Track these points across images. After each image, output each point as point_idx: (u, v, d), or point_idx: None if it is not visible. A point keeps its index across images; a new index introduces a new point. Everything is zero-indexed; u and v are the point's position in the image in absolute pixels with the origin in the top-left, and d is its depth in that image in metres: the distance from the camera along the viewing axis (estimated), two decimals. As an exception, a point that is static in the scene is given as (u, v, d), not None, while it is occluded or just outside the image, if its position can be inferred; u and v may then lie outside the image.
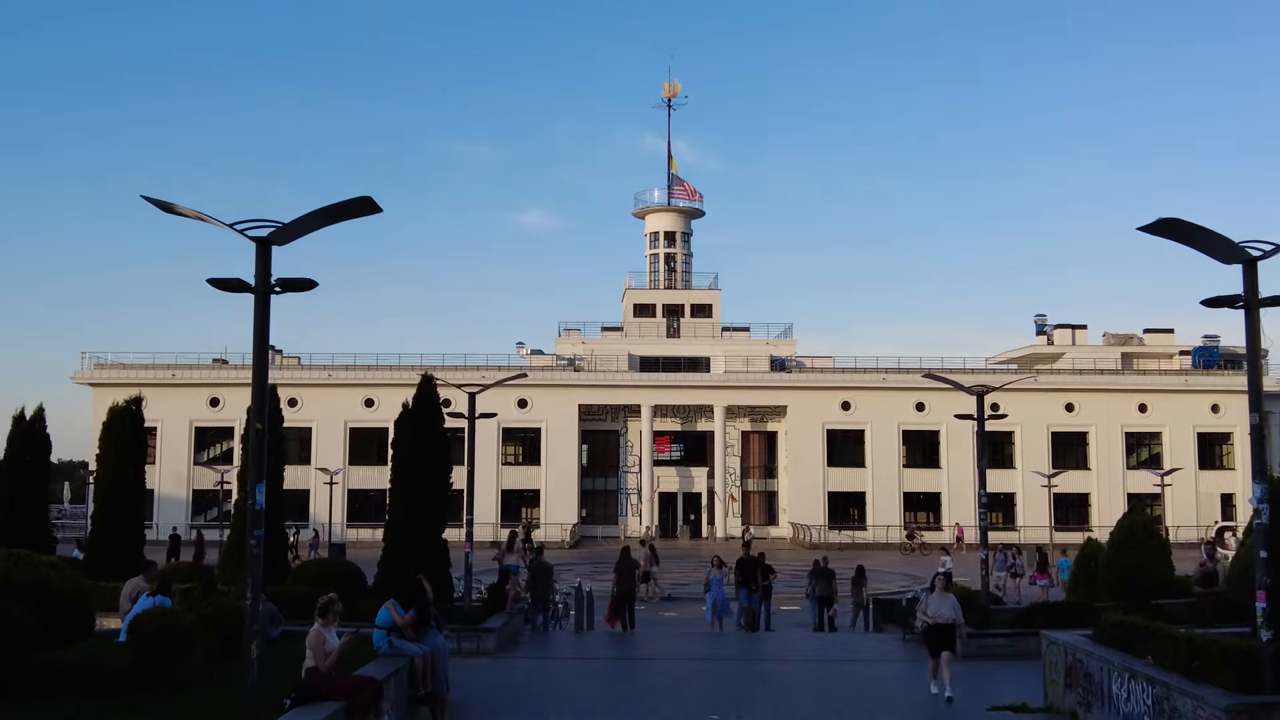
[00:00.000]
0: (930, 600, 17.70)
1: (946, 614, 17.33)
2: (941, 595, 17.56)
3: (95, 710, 11.37)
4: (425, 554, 22.02)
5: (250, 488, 11.12)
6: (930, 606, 17.55)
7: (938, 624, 17.25)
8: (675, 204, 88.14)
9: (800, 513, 74.16)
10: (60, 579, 12.87)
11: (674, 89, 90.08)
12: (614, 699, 17.29)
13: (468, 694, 16.53)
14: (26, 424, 27.60)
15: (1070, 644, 15.80)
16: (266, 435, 11.28)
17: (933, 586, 17.97)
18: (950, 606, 17.44)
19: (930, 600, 17.70)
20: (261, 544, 11.13)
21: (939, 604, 17.44)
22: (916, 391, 76.26)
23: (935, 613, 17.35)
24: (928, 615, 17.50)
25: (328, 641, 11.75)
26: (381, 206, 11.45)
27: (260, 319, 11.24)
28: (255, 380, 11.21)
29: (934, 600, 17.57)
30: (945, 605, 17.41)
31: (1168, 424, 77.22)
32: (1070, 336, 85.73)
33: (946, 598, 17.56)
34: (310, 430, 74.75)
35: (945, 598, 17.54)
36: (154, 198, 11.00)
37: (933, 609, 17.45)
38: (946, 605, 17.42)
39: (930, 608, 17.53)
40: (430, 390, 23.53)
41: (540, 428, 75.85)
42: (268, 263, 11.26)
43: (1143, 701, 13.31)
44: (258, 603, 11.09)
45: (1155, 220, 12.43)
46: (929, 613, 17.49)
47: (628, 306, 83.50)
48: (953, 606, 17.49)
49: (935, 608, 17.41)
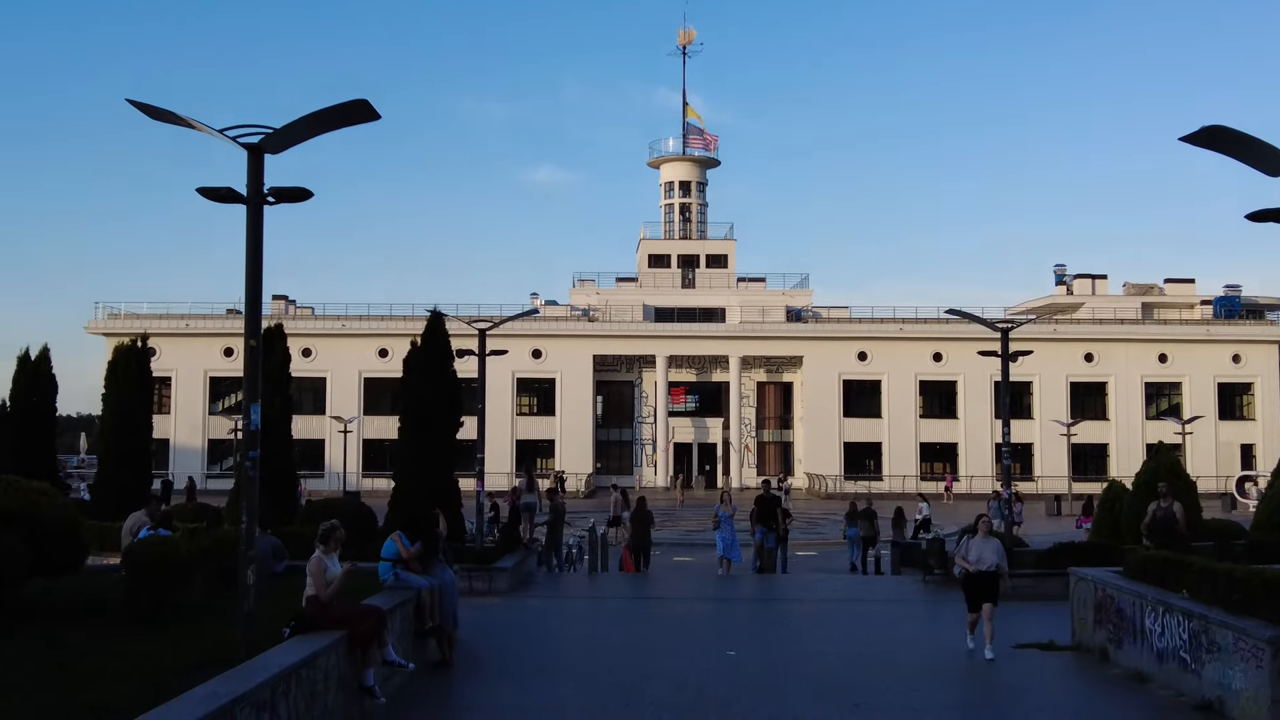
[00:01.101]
0: (970, 545, 15.76)
1: (990, 559, 15.49)
2: (984, 539, 15.69)
3: (84, 640, 10.94)
4: (436, 493, 21.51)
5: (245, 406, 10.61)
6: (970, 552, 15.66)
7: (979, 571, 15.48)
8: (691, 153, 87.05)
9: (816, 463, 73.72)
10: (51, 506, 12.41)
11: (689, 36, 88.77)
12: (627, 637, 16.88)
13: (478, 632, 16.13)
14: (31, 364, 27.09)
15: (1101, 580, 15.28)
16: (261, 353, 10.74)
17: (974, 530, 16.00)
18: (993, 551, 15.61)
19: (970, 545, 15.76)
20: (257, 466, 10.65)
21: (980, 549, 15.59)
22: (934, 342, 75.62)
23: (977, 558, 15.51)
24: (968, 561, 15.62)
25: (329, 570, 11.26)
26: (380, 113, 10.85)
27: (253, 231, 10.68)
28: (248, 296, 10.65)
29: (975, 545, 15.68)
30: (988, 550, 15.57)
31: (1188, 374, 76.35)
32: (1090, 286, 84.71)
33: (989, 542, 15.71)
34: (325, 380, 74.55)
35: (988, 542, 15.69)
36: (140, 102, 10.40)
37: (974, 554, 15.58)
38: (989, 550, 15.58)
39: (971, 553, 15.64)
40: (440, 327, 22.96)
41: (555, 378, 75.41)
42: (260, 172, 10.70)
43: (1178, 636, 12.79)
44: (253, 528, 10.63)
45: (1199, 129, 11.72)
46: (969, 558, 15.61)
47: (642, 257, 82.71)
48: (996, 551, 15.65)
49: (976, 553, 15.57)
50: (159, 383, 74.17)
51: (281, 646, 10.29)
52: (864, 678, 13.85)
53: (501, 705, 12.33)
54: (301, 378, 73.52)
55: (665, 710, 12.01)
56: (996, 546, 15.70)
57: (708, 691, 12.94)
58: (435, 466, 22.15)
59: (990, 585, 15.48)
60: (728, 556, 25.59)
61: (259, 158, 10.67)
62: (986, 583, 15.47)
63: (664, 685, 13.26)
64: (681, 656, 15.20)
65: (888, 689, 13.26)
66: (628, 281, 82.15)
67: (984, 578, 15.46)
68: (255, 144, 10.57)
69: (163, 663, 10.18)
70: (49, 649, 10.72)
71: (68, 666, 10.07)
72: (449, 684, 13.54)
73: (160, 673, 9.68)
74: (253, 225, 10.65)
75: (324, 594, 11.15)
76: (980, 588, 15.46)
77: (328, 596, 11.17)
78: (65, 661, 10.25)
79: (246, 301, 10.65)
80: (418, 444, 22.17)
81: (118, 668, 9.94)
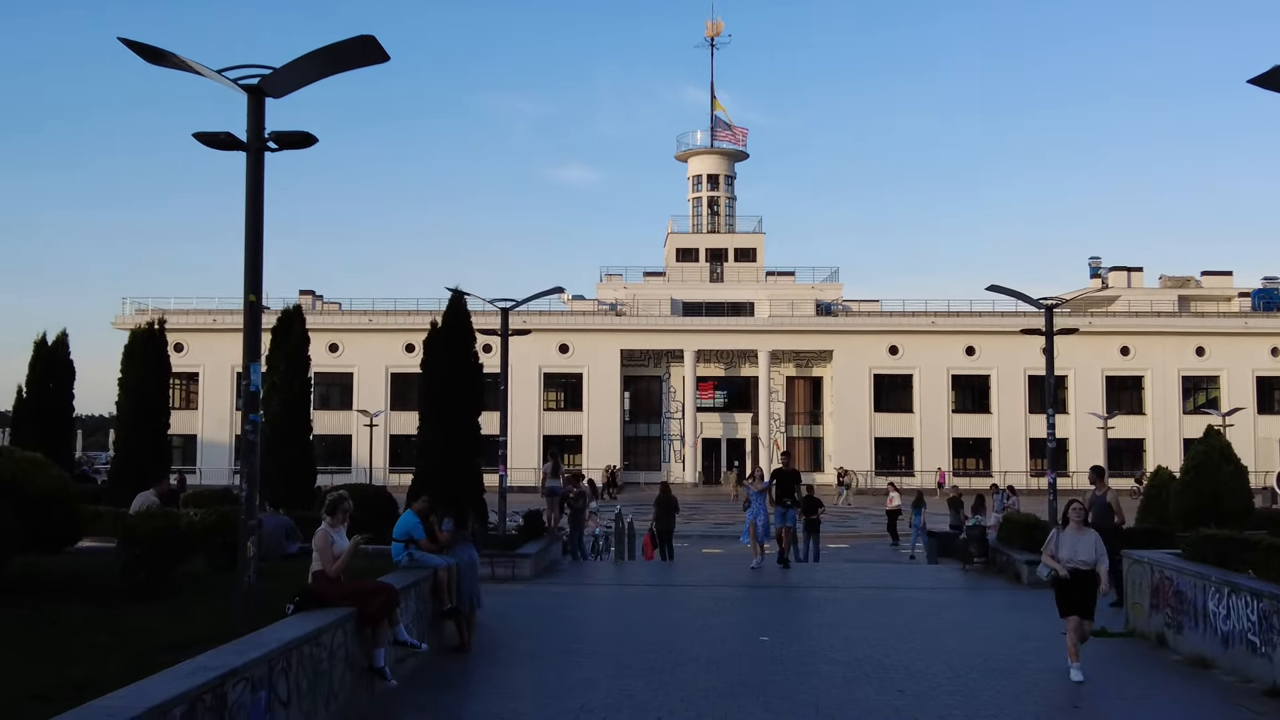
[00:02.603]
0: (1061, 539, 12.60)
1: (1085, 555, 12.39)
2: (1077, 531, 12.55)
3: (77, 616, 10.28)
4: (458, 478, 20.80)
5: (244, 366, 9.92)
6: (1061, 547, 12.52)
7: (1074, 570, 12.38)
8: (719, 146, 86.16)
9: (846, 458, 72.68)
10: (44, 476, 11.78)
11: (717, 27, 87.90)
12: (654, 622, 16.12)
13: (499, 617, 15.43)
14: (49, 351, 26.70)
15: (1158, 561, 14.40)
16: (261, 309, 10.04)
17: (1064, 520, 12.81)
18: (1090, 547, 12.45)
19: (1061, 539, 12.60)
20: (258, 430, 9.96)
21: (1073, 543, 12.48)
22: (966, 335, 74.55)
23: (1069, 555, 12.42)
24: (1057, 559, 12.48)
25: (335, 543, 10.55)
26: (388, 54, 10.13)
27: (253, 179, 9.99)
28: (248, 248, 9.96)
29: (1066, 538, 12.56)
30: (1083, 545, 12.44)
31: (1226, 367, 74.98)
32: (1126, 279, 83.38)
33: (1084, 535, 12.55)
34: (351, 376, 74.22)
35: (1083, 534, 12.55)
36: (133, 41, 9.72)
37: (1065, 550, 12.48)
38: (1085, 545, 12.45)
39: (1061, 549, 12.51)
40: (461, 307, 22.25)
41: (582, 373, 74.75)
42: (261, 115, 10.01)
43: (1245, 618, 11.93)
44: (254, 495, 9.94)
45: (1270, 69, 10.88)
46: (1060, 555, 12.48)
47: (670, 251, 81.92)
48: (1094, 547, 12.47)
49: (1069, 548, 12.48)
50: (187, 378, 74.29)
51: (283, 622, 9.60)
52: (907, 663, 13.04)
53: (522, 689, 11.60)
54: (329, 373, 73.50)
55: (696, 694, 11.26)
56: (1093, 540, 12.57)
57: (741, 676, 12.17)
58: (457, 450, 21.45)
59: (1086, 588, 12.47)
60: (761, 541, 23.22)
61: (259, 101, 9.99)
62: (1083, 586, 12.45)
63: (695, 669, 12.51)
64: (712, 641, 14.44)
65: (933, 675, 12.45)
66: (655, 276, 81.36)
67: (1080, 580, 12.44)
68: (255, 85, 9.89)
69: (158, 638, 9.51)
70: (39, 624, 10.08)
71: (58, 641, 9.43)
72: (466, 667, 12.83)
73: (154, 648, 9.01)
74: (253, 172, 9.97)
75: (330, 569, 10.45)
76: (1076, 592, 12.44)
77: (334, 571, 10.46)
78: (55, 636, 9.61)
79: (246, 254, 9.96)
80: (439, 426, 21.48)
81: (108, 642, 9.28)
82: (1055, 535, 12.74)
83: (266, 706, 8.24)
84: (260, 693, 8.14)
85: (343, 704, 9.96)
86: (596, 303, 79.31)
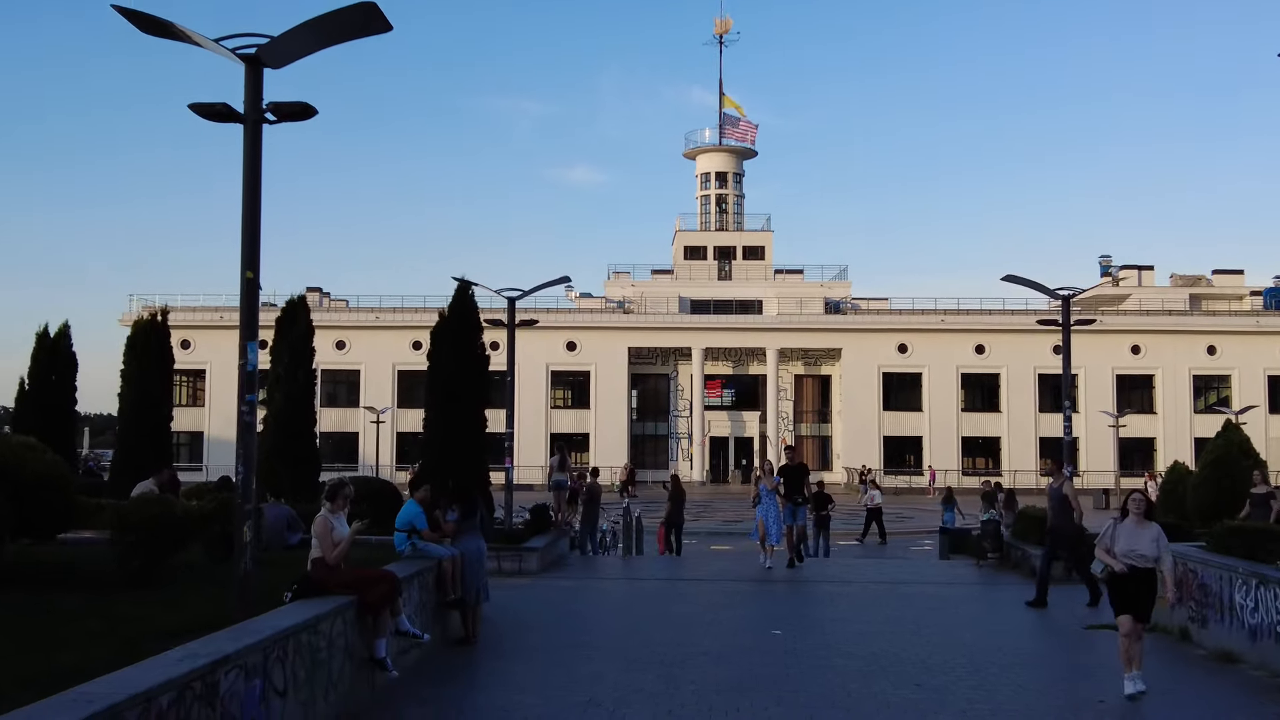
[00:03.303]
0: (1120, 531, 11.17)
1: (1145, 550, 11.01)
2: (1137, 524, 11.12)
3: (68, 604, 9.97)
4: (463, 470, 20.45)
5: (241, 345, 9.60)
6: (1119, 541, 11.09)
7: (1130, 568, 10.98)
8: (727, 143, 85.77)
9: (855, 457, 72.33)
10: (37, 462, 11.46)
11: (726, 25, 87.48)
12: (664, 615, 15.75)
13: (505, 610, 15.08)
14: (51, 342, 26.38)
15: (1182, 554, 14.00)
16: (259, 287, 9.72)
17: (1124, 513, 11.35)
18: (1151, 542, 11.04)
19: (1120, 531, 11.17)
20: (254, 410, 9.64)
21: (1132, 537, 11.06)
22: (976, 334, 74.16)
23: (1127, 548, 11.00)
24: (1115, 554, 11.06)
25: (336, 529, 10.22)
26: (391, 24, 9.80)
27: (251, 152, 9.66)
28: (245, 223, 9.64)
29: (1125, 531, 11.13)
30: (1142, 539, 11.03)
31: (1237, 366, 74.50)
32: (1136, 278, 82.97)
33: (1146, 528, 11.12)
34: (359, 373, 74.02)
35: (1144, 529, 11.11)
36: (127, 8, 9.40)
37: (1123, 544, 11.04)
38: (1145, 539, 11.04)
39: (1119, 543, 11.07)
40: (467, 297, 21.91)
41: (589, 371, 74.44)
42: (259, 86, 9.68)
43: (1275, 610, 11.57)
44: (250, 478, 9.61)
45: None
46: (1116, 549, 11.06)
47: (678, 249, 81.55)
48: (1155, 542, 11.07)
49: (1127, 542, 11.04)
50: (194, 375, 74.12)
51: (280, 609, 9.27)
52: (924, 657, 12.67)
53: (527, 681, 11.25)
54: (336, 370, 73.30)
55: (708, 687, 10.90)
56: (1154, 535, 11.13)
57: (753, 669, 11.82)
58: (462, 441, 21.11)
59: (1144, 587, 11.06)
60: (769, 540, 21.38)
61: (257, 70, 9.66)
62: (1142, 585, 11.05)
63: (705, 662, 12.16)
64: (722, 635, 14.08)
65: (951, 669, 12.09)
66: (663, 274, 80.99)
67: (1139, 578, 11.02)
68: (253, 55, 9.56)
69: (150, 626, 9.19)
70: (31, 612, 9.77)
71: (49, 629, 9.12)
72: (470, 659, 12.49)
73: (145, 636, 8.68)
74: (251, 145, 9.64)
75: (330, 556, 10.12)
76: (1134, 591, 11.02)
77: (335, 559, 10.13)
78: (47, 624, 9.30)
79: (244, 229, 9.64)
80: (445, 417, 21.14)
81: (99, 630, 8.96)
82: (1112, 527, 11.33)
83: (261, 696, 7.91)
84: (254, 681, 7.81)
85: (342, 695, 9.63)
86: (604, 300, 78.97)
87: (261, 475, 21.62)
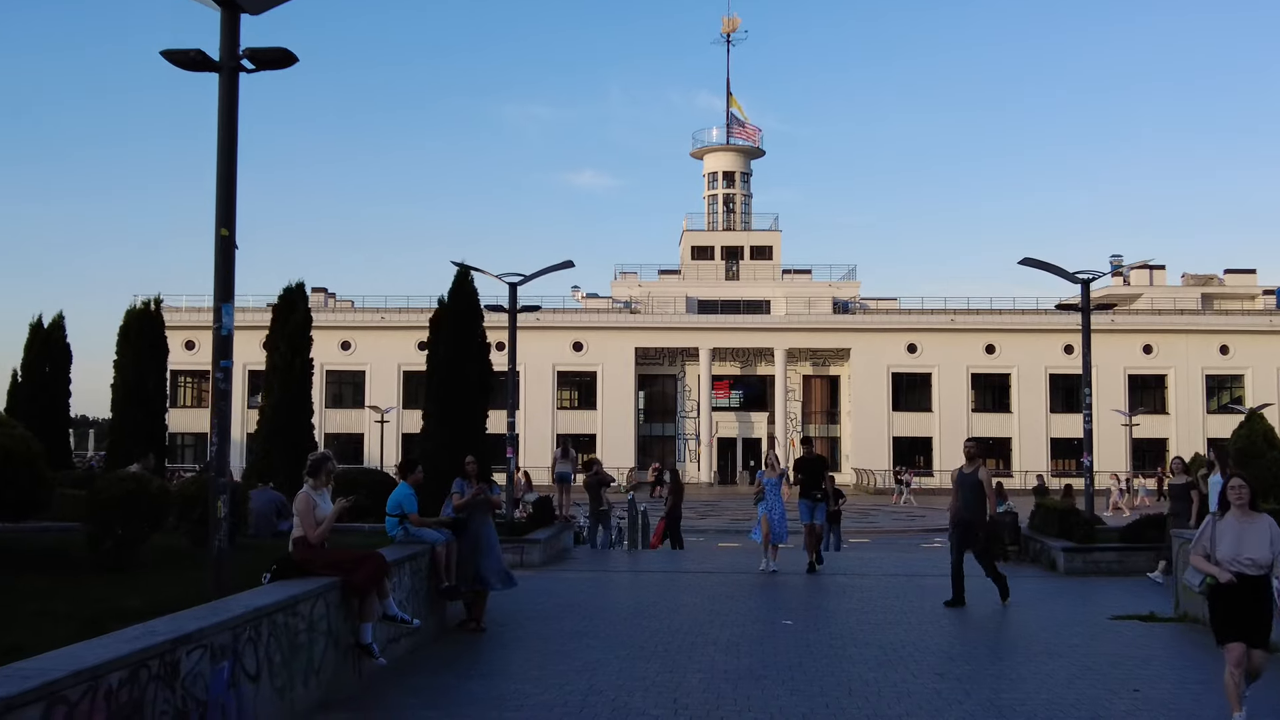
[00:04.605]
0: (1220, 530, 8.58)
1: (1255, 553, 8.36)
2: (1243, 518, 8.52)
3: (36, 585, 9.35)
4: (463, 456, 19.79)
5: (215, 309, 8.98)
6: (1220, 542, 8.52)
7: (1241, 575, 8.35)
8: (734, 143, 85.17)
9: (864, 458, 71.67)
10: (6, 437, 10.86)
11: (733, 23, 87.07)
12: (671, 606, 15.09)
13: (505, 600, 14.42)
14: (45, 333, 25.86)
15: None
16: (234, 245, 9.09)
17: (1223, 505, 8.69)
18: (1263, 540, 8.39)
19: (1220, 530, 8.58)
20: (229, 378, 9.01)
21: (1237, 535, 8.47)
22: (986, 334, 73.46)
23: (1231, 552, 8.40)
24: (1215, 559, 8.50)
25: (318, 507, 9.61)
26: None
27: (227, 101, 9.05)
28: (220, 175, 9.03)
29: (1227, 529, 8.55)
30: (1252, 537, 8.42)
31: (1250, 366, 73.73)
32: (1148, 277, 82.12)
33: (1254, 521, 8.51)
34: (364, 373, 73.52)
35: (1251, 522, 8.51)
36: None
37: (1225, 546, 8.46)
38: (1254, 537, 8.42)
39: (1221, 546, 8.49)
40: (467, 283, 21.32)
41: (596, 371, 73.85)
42: (235, 32, 9.10)
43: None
44: (225, 449, 9.00)
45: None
46: (1218, 554, 8.47)
47: (685, 249, 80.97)
48: (1268, 539, 8.40)
49: (1231, 544, 8.45)
50: (198, 376, 73.56)
51: (255, 589, 8.65)
52: (944, 647, 12.03)
53: (527, 670, 10.62)
54: (341, 370, 72.80)
55: (716, 676, 10.26)
56: (1265, 530, 8.47)
57: (764, 658, 11.17)
58: (463, 433, 20.48)
59: (1258, 601, 8.41)
60: (773, 539, 18.92)
61: (234, 15, 9.07)
62: (1252, 595, 8.39)
63: (713, 651, 11.51)
64: (732, 625, 13.42)
65: (974, 659, 11.45)
66: (670, 274, 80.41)
67: (1247, 587, 8.38)
68: None
69: (120, 607, 8.53)
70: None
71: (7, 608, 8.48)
72: (467, 648, 11.87)
73: (110, 616, 8.04)
74: (227, 94, 9.05)
75: (313, 535, 9.50)
76: (1239, 605, 8.37)
77: (317, 537, 9.52)
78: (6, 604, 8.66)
79: (219, 184, 9.04)
80: (445, 409, 20.53)
81: (63, 610, 8.32)
82: (1210, 525, 8.73)
83: (230, 679, 7.27)
84: (223, 663, 7.18)
85: (325, 682, 8.99)
86: (611, 300, 78.38)
87: (259, 464, 21.13)
